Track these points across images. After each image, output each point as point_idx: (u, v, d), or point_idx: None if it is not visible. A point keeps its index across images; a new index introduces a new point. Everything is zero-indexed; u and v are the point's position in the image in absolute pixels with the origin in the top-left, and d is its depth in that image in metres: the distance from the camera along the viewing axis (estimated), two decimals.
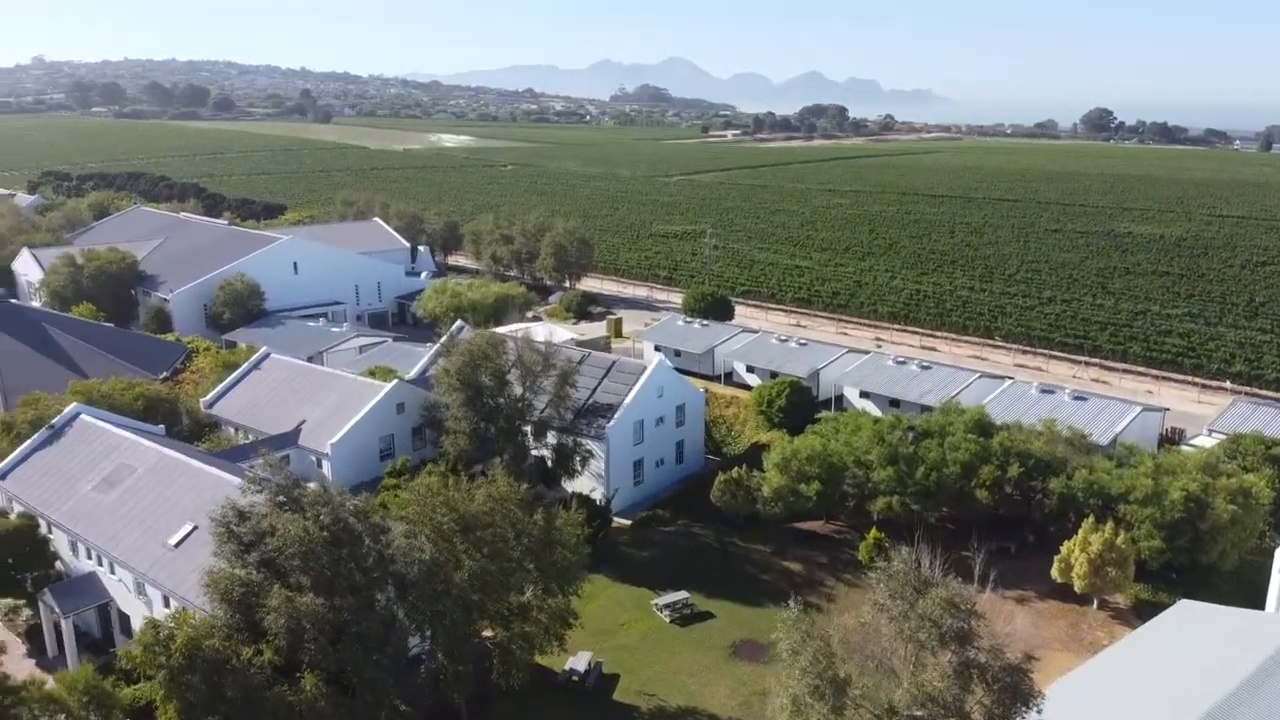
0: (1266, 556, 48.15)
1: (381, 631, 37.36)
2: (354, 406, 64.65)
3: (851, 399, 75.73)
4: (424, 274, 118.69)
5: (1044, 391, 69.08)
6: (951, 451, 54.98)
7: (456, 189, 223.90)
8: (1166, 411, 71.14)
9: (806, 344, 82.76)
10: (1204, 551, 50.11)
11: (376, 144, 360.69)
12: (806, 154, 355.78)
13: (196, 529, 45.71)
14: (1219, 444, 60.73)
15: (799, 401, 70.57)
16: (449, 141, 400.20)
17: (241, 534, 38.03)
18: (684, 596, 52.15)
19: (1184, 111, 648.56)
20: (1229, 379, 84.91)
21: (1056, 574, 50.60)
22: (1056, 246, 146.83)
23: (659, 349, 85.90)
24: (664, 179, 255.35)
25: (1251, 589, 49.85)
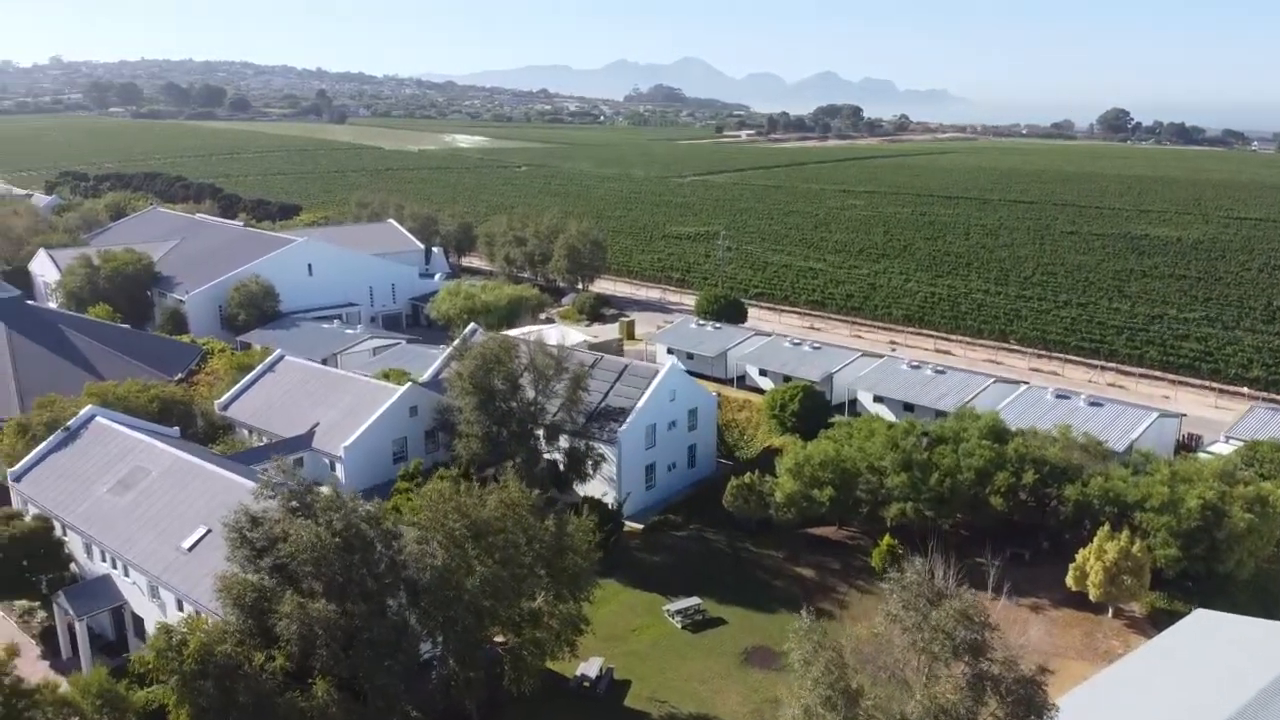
0: None
1: (393, 637, 37.45)
2: (367, 409, 64.76)
3: (865, 403, 75.48)
4: (438, 276, 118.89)
5: (1059, 397, 68.70)
6: (966, 458, 54.70)
7: (471, 190, 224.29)
8: (1183, 417, 70.69)
9: (820, 347, 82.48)
10: (1220, 560, 49.73)
11: (391, 144, 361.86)
12: (821, 154, 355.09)
13: (210, 533, 45.86)
14: (1236, 451, 60.34)
15: (812, 406, 70.19)
16: (463, 142, 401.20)
17: (254, 539, 38.13)
18: (696, 602, 52.05)
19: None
20: (1247, 384, 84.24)
21: (1071, 582, 50.28)
22: (1073, 249, 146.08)
23: (671, 352, 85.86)
24: (678, 180, 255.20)
25: (1268, 598, 49.62)
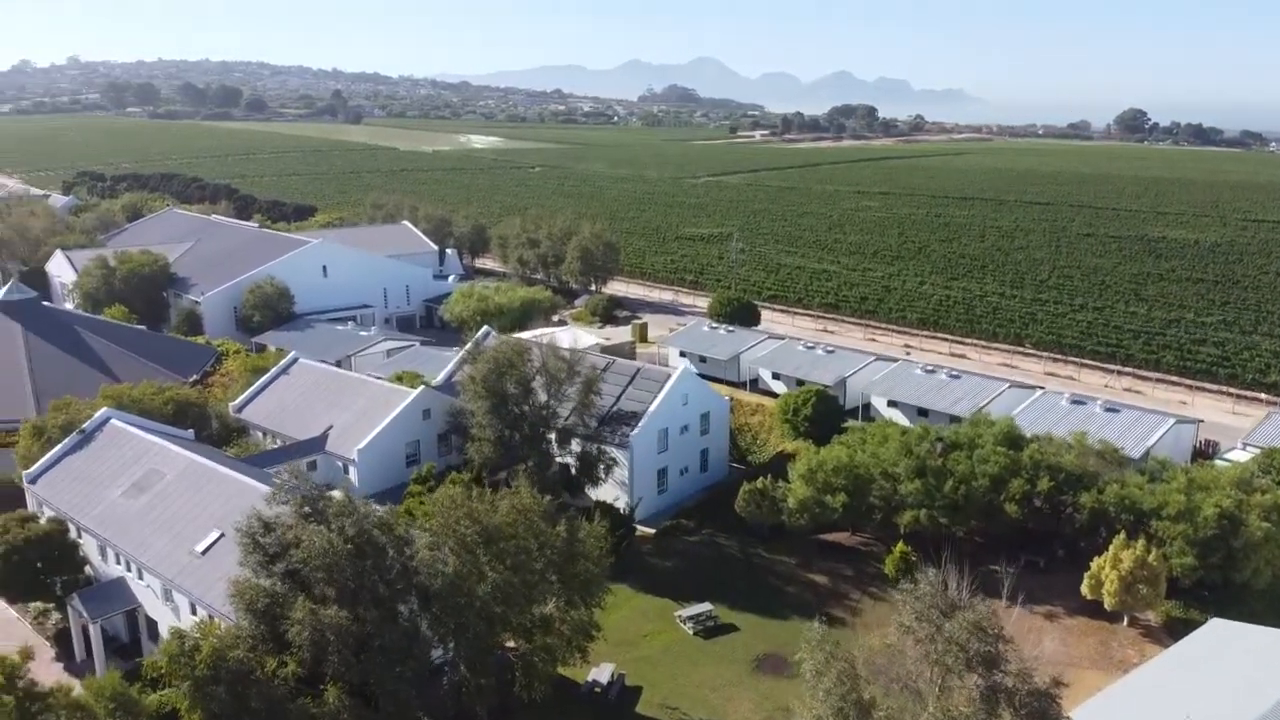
0: None
1: (404, 644, 37.48)
2: (381, 412, 64.87)
3: (879, 408, 75.17)
4: (451, 277, 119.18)
5: (1075, 402, 68.23)
6: (980, 464, 54.36)
7: (485, 191, 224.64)
8: (1200, 423, 70.08)
9: (833, 351, 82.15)
10: (1237, 569, 49.30)
11: (406, 145, 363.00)
12: (835, 155, 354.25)
13: (223, 536, 46.02)
14: (1253, 458, 59.71)
15: (825, 410, 69.93)
16: (478, 142, 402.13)
17: (267, 545, 38.24)
18: (707, 609, 51.91)
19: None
20: (1264, 390, 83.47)
21: (1087, 590, 49.95)
22: (1089, 251, 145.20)
23: (684, 355, 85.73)
24: (691, 180, 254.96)
25: None
